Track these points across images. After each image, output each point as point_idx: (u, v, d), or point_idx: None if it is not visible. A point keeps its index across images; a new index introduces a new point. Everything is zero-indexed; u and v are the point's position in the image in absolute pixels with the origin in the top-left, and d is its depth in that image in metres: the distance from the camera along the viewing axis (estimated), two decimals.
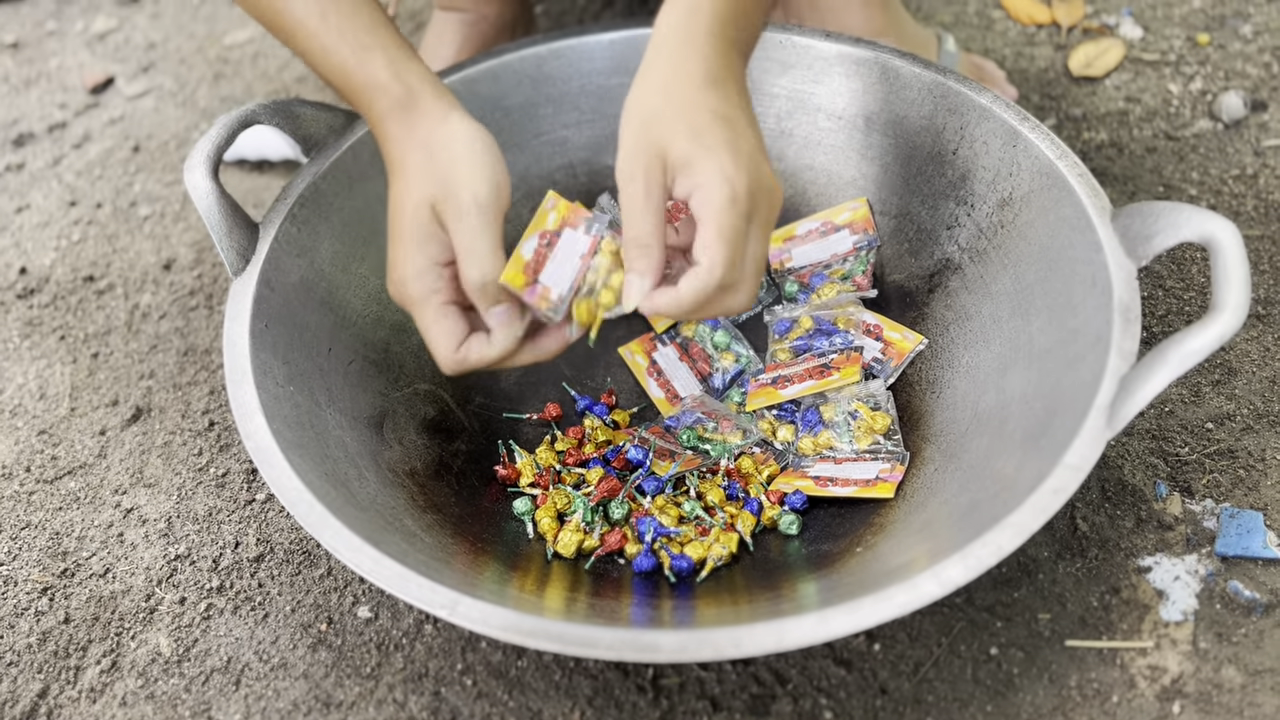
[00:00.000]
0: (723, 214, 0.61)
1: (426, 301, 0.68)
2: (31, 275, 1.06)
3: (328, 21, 0.69)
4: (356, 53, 0.69)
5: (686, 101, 0.63)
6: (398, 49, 0.70)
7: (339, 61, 0.70)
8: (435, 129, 0.68)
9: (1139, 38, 1.17)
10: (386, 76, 0.69)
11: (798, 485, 0.79)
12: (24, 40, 1.34)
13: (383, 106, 0.69)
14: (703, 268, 0.62)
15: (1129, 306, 0.68)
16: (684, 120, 0.63)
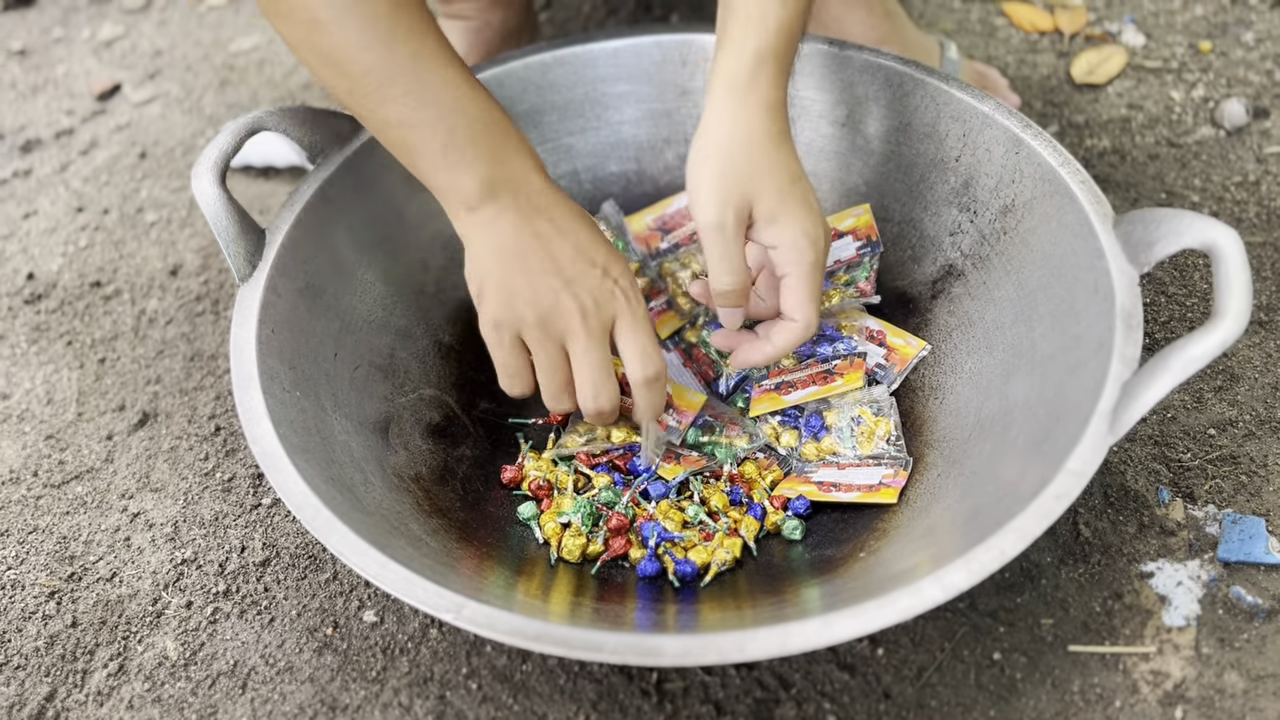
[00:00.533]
0: (812, 274, 0.72)
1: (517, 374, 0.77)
2: (39, 281, 1.07)
3: (475, 93, 0.71)
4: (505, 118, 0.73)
5: (767, 159, 0.70)
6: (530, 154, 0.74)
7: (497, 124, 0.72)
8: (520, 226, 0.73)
9: (1141, 45, 1.17)
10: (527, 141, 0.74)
11: (801, 490, 0.79)
12: (31, 47, 1.35)
13: (537, 159, 0.74)
14: (799, 325, 0.73)
15: (1131, 313, 0.68)
16: (769, 178, 0.70)
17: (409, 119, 0.70)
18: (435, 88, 0.70)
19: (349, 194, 0.84)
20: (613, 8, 1.29)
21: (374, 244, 0.85)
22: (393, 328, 0.85)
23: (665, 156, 0.95)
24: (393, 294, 0.85)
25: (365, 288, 0.84)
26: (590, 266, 0.72)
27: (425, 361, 0.86)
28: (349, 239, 0.84)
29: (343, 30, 0.68)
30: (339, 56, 0.69)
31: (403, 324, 0.86)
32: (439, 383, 0.86)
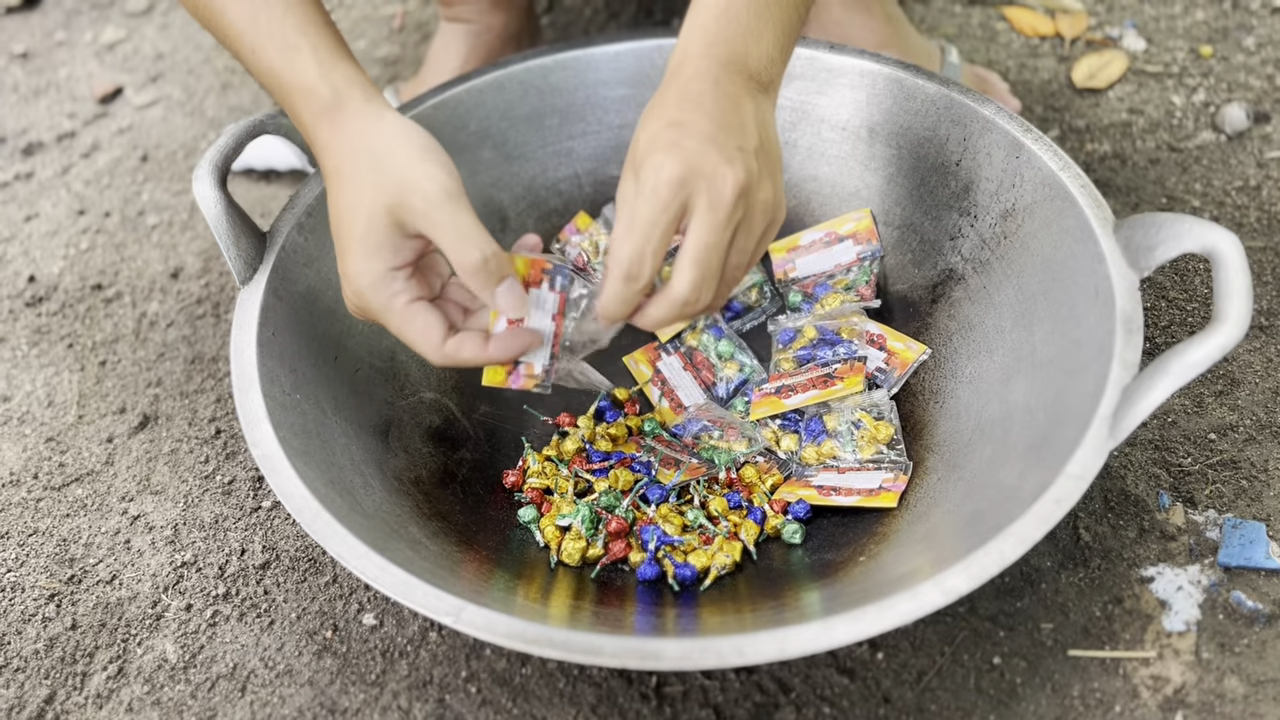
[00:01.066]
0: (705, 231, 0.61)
1: (389, 307, 0.65)
2: (40, 283, 1.07)
3: (257, 22, 0.68)
4: (283, 53, 0.67)
5: (652, 115, 0.63)
6: (328, 50, 0.68)
7: (267, 64, 0.68)
8: (369, 132, 0.66)
9: (1142, 50, 1.17)
10: (314, 78, 0.67)
11: (801, 494, 0.79)
12: (33, 50, 1.35)
13: (312, 110, 0.67)
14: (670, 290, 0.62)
15: (1131, 317, 0.68)
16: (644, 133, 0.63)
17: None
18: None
19: None
20: (614, 12, 1.29)
21: None
22: None
23: None
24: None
25: None
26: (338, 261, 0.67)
27: (425, 365, 0.86)
28: None
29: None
30: None
31: None
32: (439, 386, 0.86)
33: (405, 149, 0.65)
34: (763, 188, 0.63)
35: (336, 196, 0.66)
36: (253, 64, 0.69)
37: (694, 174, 0.61)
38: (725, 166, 0.61)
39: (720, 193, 0.61)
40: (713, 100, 0.63)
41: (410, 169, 0.64)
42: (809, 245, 0.91)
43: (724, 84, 0.64)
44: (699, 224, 0.61)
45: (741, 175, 0.61)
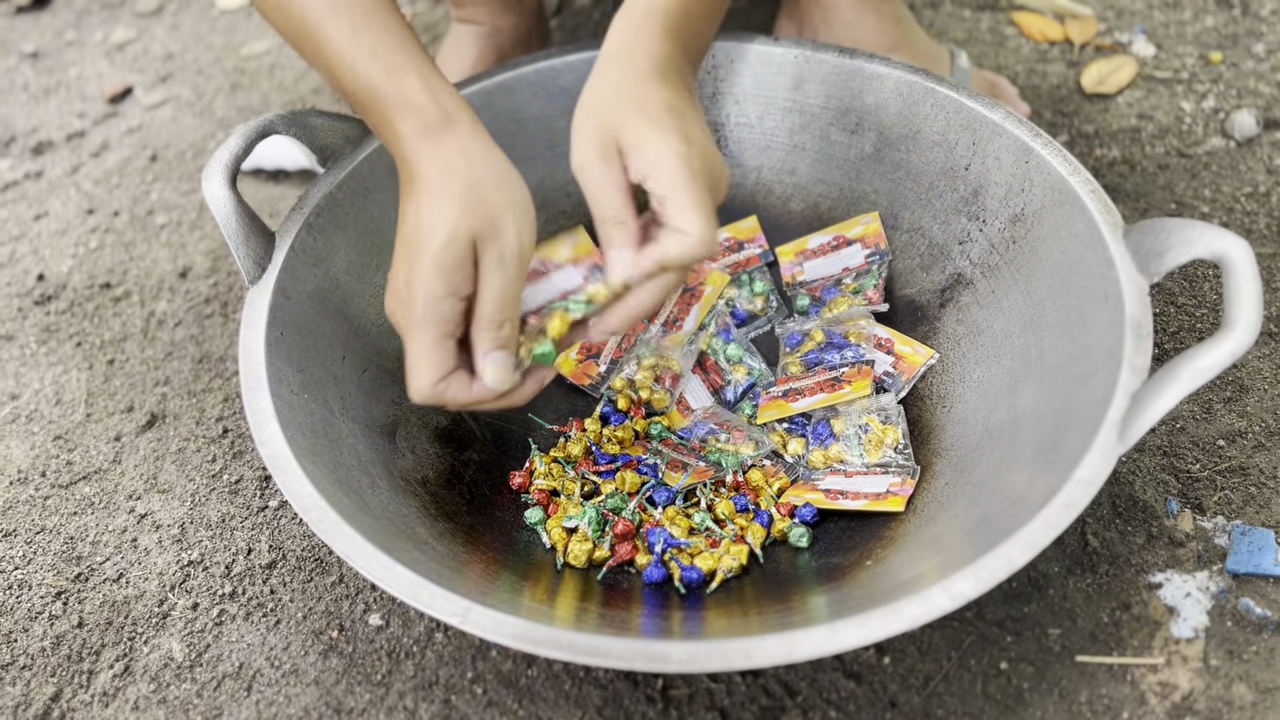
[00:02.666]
0: (690, 185, 0.65)
1: (429, 328, 0.66)
2: (49, 282, 1.07)
3: (359, 39, 0.68)
4: (390, 72, 0.68)
5: (637, 93, 0.68)
6: (433, 72, 0.69)
7: (368, 80, 0.68)
8: (478, 159, 0.67)
9: (1152, 55, 1.17)
10: (423, 98, 0.67)
11: (808, 498, 0.79)
12: (44, 50, 1.36)
13: (415, 125, 0.67)
14: (692, 238, 0.65)
15: (1141, 323, 0.68)
16: (636, 108, 0.67)
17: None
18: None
19: (359, 197, 0.84)
20: None
21: (383, 247, 0.85)
22: None
23: None
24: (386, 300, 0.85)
25: (374, 291, 0.84)
26: (399, 263, 0.68)
27: None
28: (358, 242, 0.84)
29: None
30: None
31: None
32: None
33: (506, 192, 0.66)
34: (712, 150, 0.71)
35: (420, 205, 0.66)
36: (350, 79, 0.69)
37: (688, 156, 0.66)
38: (709, 163, 0.68)
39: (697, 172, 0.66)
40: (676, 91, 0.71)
41: (504, 214, 0.65)
42: (817, 249, 0.91)
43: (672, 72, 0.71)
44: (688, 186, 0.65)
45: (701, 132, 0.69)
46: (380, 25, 0.69)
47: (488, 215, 0.65)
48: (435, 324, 0.66)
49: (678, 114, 0.67)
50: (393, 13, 0.71)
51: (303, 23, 0.70)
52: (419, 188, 0.67)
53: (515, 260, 0.65)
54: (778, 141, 0.92)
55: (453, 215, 0.65)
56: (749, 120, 0.92)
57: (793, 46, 0.89)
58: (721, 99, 0.92)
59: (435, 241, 0.64)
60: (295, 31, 0.72)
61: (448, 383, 0.67)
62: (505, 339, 0.67)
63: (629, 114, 0.67)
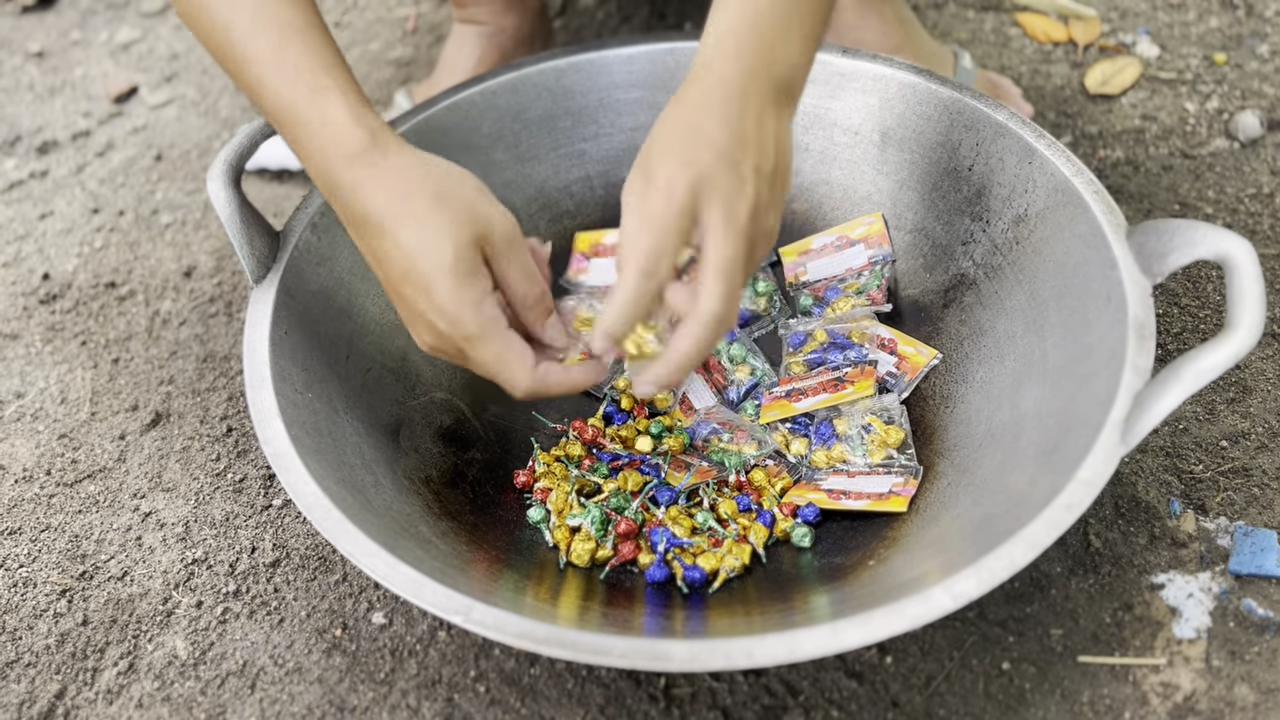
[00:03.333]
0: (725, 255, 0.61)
1: (492, 330, 0.65)
2: (54, 281, 1.07)
3: (284, 57, 0.66)
4: (312, 92, 0.66)
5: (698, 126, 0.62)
6: (355, 93, 0.67)
7: (289, 100, 0.66)
8: (421, 172, 0.65)
9: (1156, 56, 1.17)
10: (346, 120, 0.66)
11: (810, 498, 0.79)
12: (49, 49, 1.36)
13: (344, 152, 0.65)
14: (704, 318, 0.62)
15: (1144, 323, 0.68)
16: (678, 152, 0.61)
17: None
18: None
19: None
20: (626, 15, 1.29)
21: None
22: (404, 331, 0.85)
23: None
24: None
25: (378, 290, 0.84)
26: (415, 298, 0.66)
27: (437, 365, 0.86)
28: None
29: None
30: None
31: None
32: (450, 386, 0.86)
33: (467, 186, 0.66)
34: (768, 216, 0.63)
35: (398, 237, 0.65)
36: (271, 98, 0.67)
37: (708, 186, 0.60)
38: (739, 184, 0.61)
39: (735, 210, 0.61)
40: (737, 112, 0.62)
41: (482, 206, 0.65)
42: (820, 249, 0.91)
43: (750, 94, 0.62)
44: (719, 238, 0.60)
45: (753, 197, 0.61)
46: (303, 43, 0.67)
47: (471, 214, 0.65)
48: (495, 323, 0.65)
49: (729, 155, 0.61)
50: (317, 29, 0.68)
51: (225, 37, 0.68)
52: (381, 222, 0.65)
53: (516, 238, 0.66)
54: None
55: (448, 229, 0.64)
56: None
57: None
58: None
59: (445, 261, 0.64)
60: (218, 46, 0.69)
61: (544, 370, 0.67)
62: (549, 305, 0.69)
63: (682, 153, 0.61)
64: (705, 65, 0.64)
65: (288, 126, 0.68)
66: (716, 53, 0.63)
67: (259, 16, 0.67)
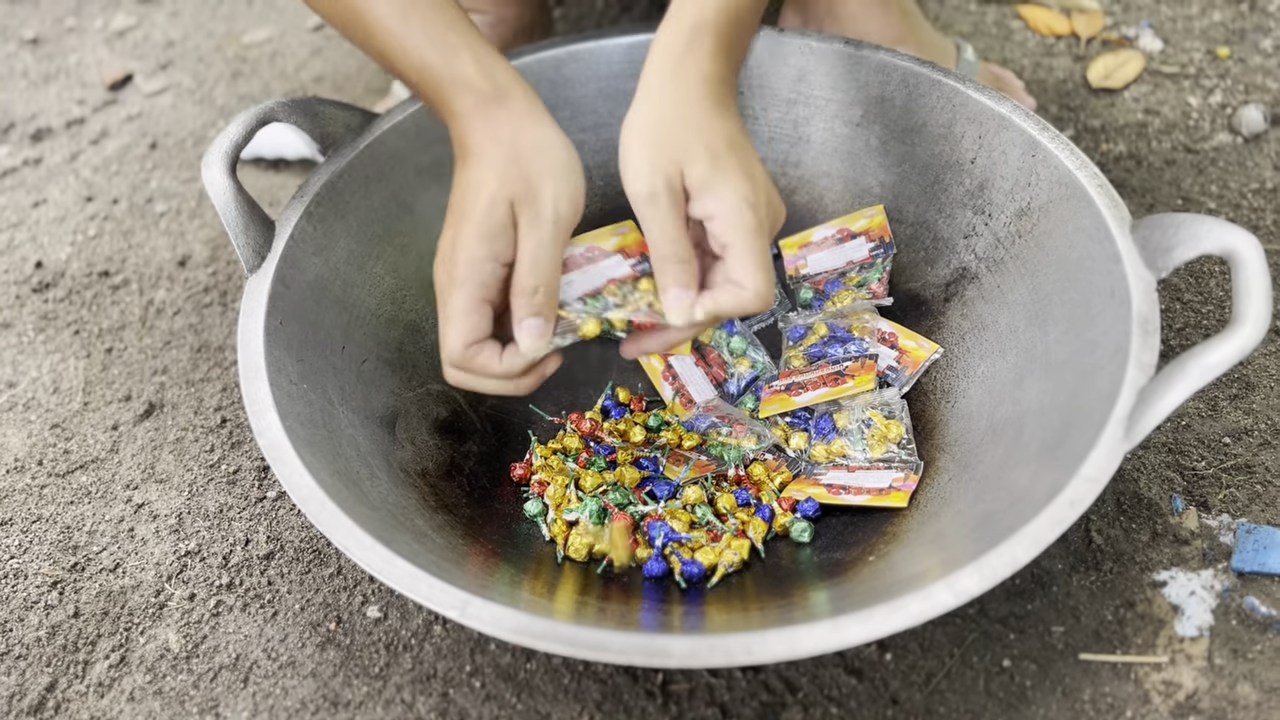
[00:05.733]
0: (756, 239, 0.65)
1: (466, 286, 0.66)
2: (47, 269, 1.06)
3: (410, 20, 0.69)
4: (442, 51, 0.68)
5: (699, 124, 0.66)
6: (484, 48, 0.70)
7: (421, 59, 0.69)
8: (525, 129, 0.68)
9: (1158, 50, 1.16)
10: (474, 73, 0.68)
11: (810, 493, 0.78)
12: (44, 36, 1.35)
13: (468, 102, 0.68)
14: (748, 292, 0.66)
15: (1148, 318, 0.67)
16: (700, 142, 0.65)
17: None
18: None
19: (359, 186, 0.83)
20: (626, 5, 1.28)
21: (384, 237, 0.84)
22: (401, 322, 0.84)
23: None
24: (402, 288, 0.85)
25: (374, 281, 0.84)
26: (445, 228, 0.69)
27: (433, 356, 0.85)
28: (359, 231, 0.83)
29: None
30: None
31: (412, 318, 0.85)
32: None
33: (549, 158, 0.67)
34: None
35: (467, 174, 0.68)
36: (402, 59, 0.70)
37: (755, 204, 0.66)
38: (771, 203, 0.68)
39: (763, 219, 0.66)
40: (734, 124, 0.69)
41: (543, 178, 0.66)
42: (821, 242, 0.90)
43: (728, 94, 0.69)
44: (752, 239, 0.65)
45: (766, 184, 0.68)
46: (428, 5, 0.69)
47: (525, 180, 0.66)
48: (474, 285, 0.66)
49: (740, 150, 0.67)
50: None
51: (350, 8, 0.70)
52: (468, 160, 0.68)
53: (551, 223, 0.66)
54: (782, 134, 0.92)
55: (493, 181, 0.66)
56: (753, 112, 0.92)
57: (798, 38, 0.88)
58: None
59: (479, 207, 0.66)
60: (343, 17, 0.71)
61: (480, 348, 0.67)
62: (540, 305, 0.67)
63: (693, 149, 0.65)
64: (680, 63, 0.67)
65: (423, 87, 0.70)
66: (691, 51, 0.68)
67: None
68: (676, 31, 0.68)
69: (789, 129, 0.91)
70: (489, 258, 0.66)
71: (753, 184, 0.66)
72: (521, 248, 0.66)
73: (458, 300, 0.66)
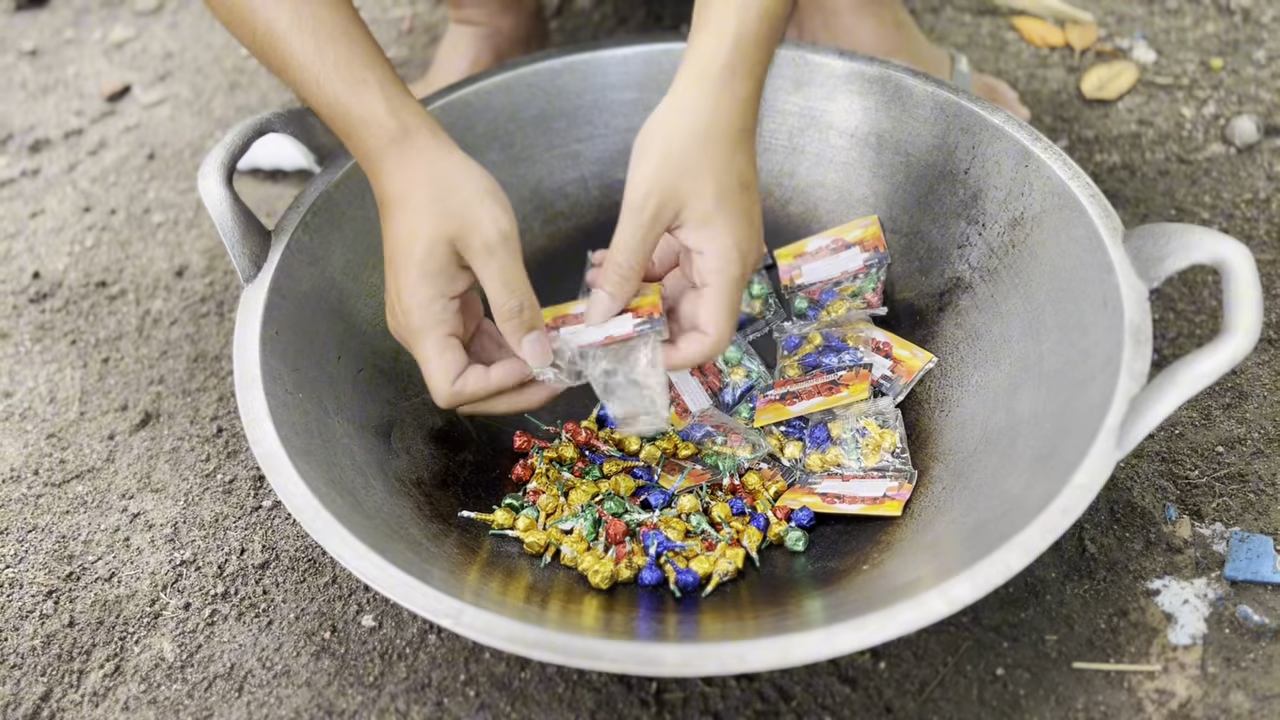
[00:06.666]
0: (734, 289, 0.68)
1: (430, 332, 0.69)
2: (44, 280, 1.07)
3: (323, 55, 0.69)
4: (352, 87, 0.69)
5: (720, 160, 0.66)
6: (393, 85, 0.70)
7: (332, 95, 0.69)
8: (438, 162, 0.69)
9: (1152, 61, 1.17)
10: (382, 112, 0.69)
11: (805, 502, 0.78)
12: (43, 47, 1.36)
13: (379, 141, 0.69)
14: (710, 339, 0.68)
15: (1140, 328, 0.68)
16: (714, 179, 0.66)
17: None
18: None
19: (355, 197, 0.83)
20: (622, 16, 1.29)
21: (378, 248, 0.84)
22: None
23: None
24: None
25: (370, 291, 0.84)
26: (388, 280, 0.71)
27: None
28: (354, 242, 0.84)
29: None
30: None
31: None
32: None
33: (471, 187, 0.68)
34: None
35: (397, 221, 0.69)
36: (316, 94, 0.70)
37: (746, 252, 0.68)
38: (759, 249, 0.69)
39: (748, 268, 0.68)
40: (751, 160, 0.69)
41: (473, 207, 0.68)
42: (815, 252, 0.91)
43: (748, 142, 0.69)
44: (731, 289, 0.68)
45: (758, 232, 0.69)
46: (344, 40, 0.70)
47: (458, 215, 0.67)
48: (434, 326, 0.69)
49: (748, 192, 0.68)
50: (356, 26, 0.71)
51: (267, 37, 0.71)
52: (391, 207, 0.70)
53: (501, 244, 0.68)
54: (776, 144, 0.92)
55: (426, 225, 0.67)
56: None
57: (793, 50, 0.89)
58: None
59: (416, 252, 0.68)
60: (261, 45, 0.72)
61: (464, 379, 0.70)
62: (529, 320, 0.69)
63: (705, 184, 0.66)
64: (719, 77, 0.66)
65: (334, 121, 0.71)
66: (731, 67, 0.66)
67: (299, 17, 0.70)
68: (720, 43, 0.66)
69: (784, 139, 0.92)
70: (438, 297, 0.68)
71: (749, 230, 0.68)
72: (488, 277, 0.68)
73: (428, 346, 0.69)
